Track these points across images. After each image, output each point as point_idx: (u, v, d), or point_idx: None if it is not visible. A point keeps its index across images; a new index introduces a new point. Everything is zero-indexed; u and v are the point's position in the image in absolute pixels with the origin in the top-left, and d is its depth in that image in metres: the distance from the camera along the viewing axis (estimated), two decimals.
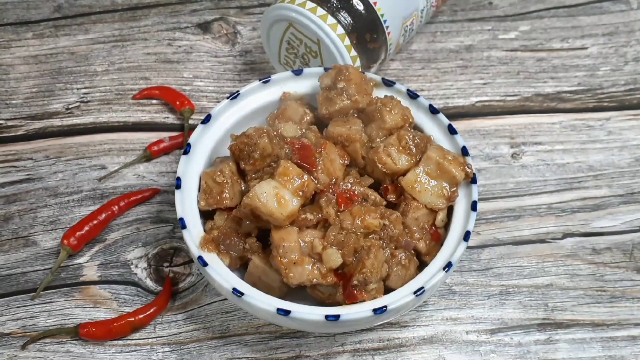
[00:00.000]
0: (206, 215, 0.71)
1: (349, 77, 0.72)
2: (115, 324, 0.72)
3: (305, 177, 0.66)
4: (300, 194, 0.66)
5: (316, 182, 0.67)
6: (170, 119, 0.89)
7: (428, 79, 0.92)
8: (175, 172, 0.83)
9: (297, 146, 0.68)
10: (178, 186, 0.70)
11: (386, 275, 0.67)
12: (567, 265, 0.78)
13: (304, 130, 0.72)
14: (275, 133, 0.71)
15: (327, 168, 0.68)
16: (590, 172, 0.84)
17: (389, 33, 0.83)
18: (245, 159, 0.70)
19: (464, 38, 0.96)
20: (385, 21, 0.82)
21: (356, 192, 0.68)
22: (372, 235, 0.66)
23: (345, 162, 0.70)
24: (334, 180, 0.69)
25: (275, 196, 0.65)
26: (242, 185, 0.71)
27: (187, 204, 0.70)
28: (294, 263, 0.65)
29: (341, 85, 0.72)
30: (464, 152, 0.72)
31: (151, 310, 0.73)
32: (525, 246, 0.79)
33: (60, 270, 0.77)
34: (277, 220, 0.65)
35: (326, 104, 0.73)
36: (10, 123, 0.88)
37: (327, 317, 0.63)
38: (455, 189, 0.69)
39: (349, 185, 0.69)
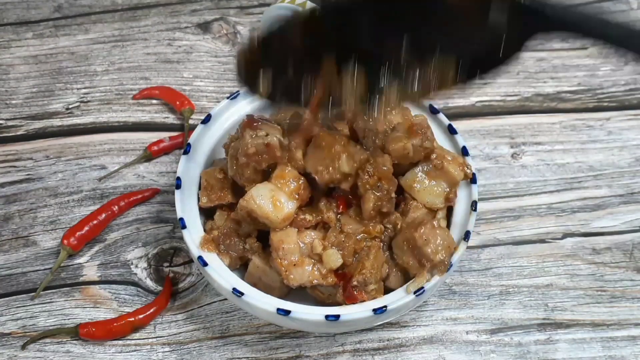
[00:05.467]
0: (206, 215, 0.71)
1: None
2: (115, 324, 0.72)
3: (302, 179, 0.66)
4: (296, 196, 0.65)
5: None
6: (170, 119, 0.89)
7: None
8: (175, 172, 0.83)
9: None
10: (178, 186, 0.70)
11: (386, 276, 0.67)
12: (567, 265, 0.78)
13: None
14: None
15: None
16: (590, 172, 0.84)
17: None
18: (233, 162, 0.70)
19: None
20: None
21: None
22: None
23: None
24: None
25: (271, 199, 0.64)
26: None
27: (187, 204, 0.70)
28: (294, 265, 0.65)
29: None
30: (464, 152, 0.72)
31: (151, 310, 0.73)
32: (525, 246, 0.79)
33: (60, 270, 0.77)
34: (273, 223, 0.65)
35: None
36: (10, 123, 0.88)
37: (327, 317, 0.63)
38: (454, 189, 0.69)
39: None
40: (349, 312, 0.63)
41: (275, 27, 0.57)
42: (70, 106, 0.89)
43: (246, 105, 0.76)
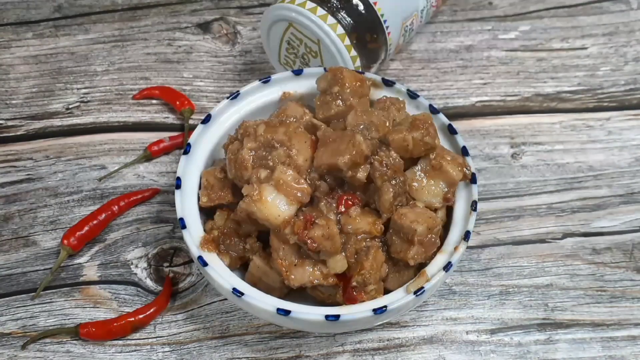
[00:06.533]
0: (206, 215, 0.71)
1: (343, 81, 0.72)
2: (115, 324, 0.72)
3: (302, 182, 0.65)
4: (296, 199, 0.65)
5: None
6: (170, 119, 0.89)
7: (428, 79, 0.92)
8: (175, 172, 0.83)
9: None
10: (178, 186, 0.70)
11: (386, 276, 0.67)
12: (567, 265, 0.78)
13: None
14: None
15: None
16: (590, 172, 0.84)
17: (389, 33, 0.83)
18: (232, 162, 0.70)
19: (464, 38, 0.96)
20: (385, 21, 0.82)
21: (358, 196, 0.68)
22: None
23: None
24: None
25: (271, 202, 0.64)
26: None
27: (187, 204, 0.70)
28: (295, 265, 0.65)
29: (336, 90, 0.72)
30: (464, 152, 0.72)
31: (151, 310, 0.73)
32: (525, 246, 0.79)
33: (60, 270, 0.77)
34: (272, 225, 0.65)
35: (323, 108, 0.72)
36: (10, 123, 0.88)
37: (327, 317, 0.63)
38: (452, 189, 0.69)
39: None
40: (349, 312, 0.63)
41: None
42: (70, 106, 0.89)
43: (246, 105, 0.76)
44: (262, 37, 0.86)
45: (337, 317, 0.63)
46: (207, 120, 0.74)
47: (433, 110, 0.75)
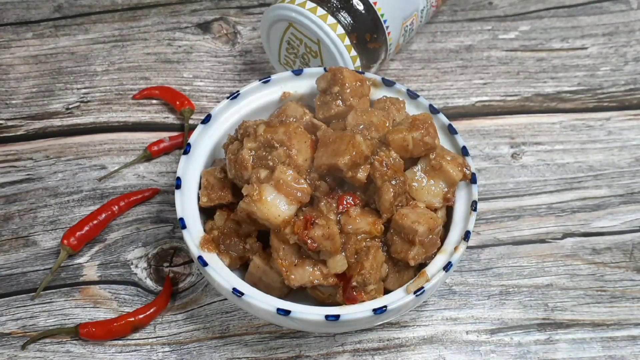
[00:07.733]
0: (206, 215, 0.71)
1: (343, 82, 0.72)
2: (115, 324, 0.72)
3: (302, 182, 0.65)
4: (296, 199, 0.65)
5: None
6: (170, 119, 0.89)
7: (428, 79, 0.92)
8: (175, 172, 0.83)
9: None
10: (178, 186, 0.70)
11: (386, 276, 0.67)
12: (567, 265, 0.78)
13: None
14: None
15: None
16: (590, 172, 0.84)
17: (389, 33, 0.83)
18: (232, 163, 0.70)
19: (464, 38, 0.96)
20: (385, 21, 0.82)
21: (358, 196, 0.68)
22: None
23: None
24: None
25: (271, 202, 0.64)
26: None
27: (187, 204, 0.70)
28: (295, 265, 0.65)
29: (336, 90, 0.72)
30: (464, 152, 0.72)
31: (151, 310, 0.73)
32: (525, 246, 0.79)
33: (60, 270, 0.77)
34: (273, 225, 0.65)
35: (323, 108, 0.73)
36: (10, 123, 0.88)
37: (327, 317, 0.63)
38: (452, 189, 0.69)
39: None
40: (349, 312, 0.63)
41: None
42: (70, 106, 0.89)
43: (246, 105, 0.76)
44: (262, 37, 0.86)
45: (337, 317, 0.63)
46: (207, 120, 0.74)
47: (433, 110, 0.75)
